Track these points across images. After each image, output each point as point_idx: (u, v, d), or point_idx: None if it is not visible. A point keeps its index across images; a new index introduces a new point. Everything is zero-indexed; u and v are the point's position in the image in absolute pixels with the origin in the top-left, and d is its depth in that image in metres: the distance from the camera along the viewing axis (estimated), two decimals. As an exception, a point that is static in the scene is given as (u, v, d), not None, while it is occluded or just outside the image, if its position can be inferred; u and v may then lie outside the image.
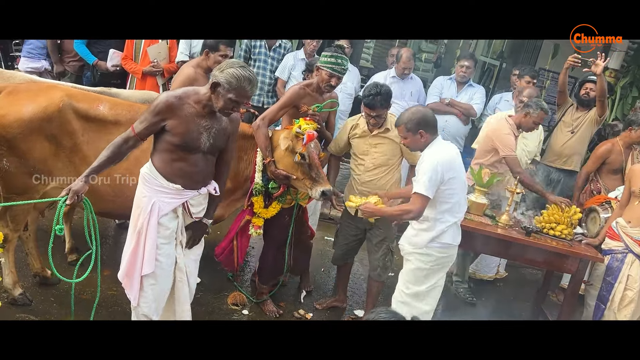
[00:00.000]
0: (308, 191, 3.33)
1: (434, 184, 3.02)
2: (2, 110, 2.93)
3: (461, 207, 3.22)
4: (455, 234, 3.23)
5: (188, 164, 2.72)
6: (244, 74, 2.54)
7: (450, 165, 3.08)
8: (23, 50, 5.43)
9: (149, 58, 5.07)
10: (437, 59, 11.99)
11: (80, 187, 2.54)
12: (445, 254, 3.23)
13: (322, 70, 3.46)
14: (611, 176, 4.76)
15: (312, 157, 3.29)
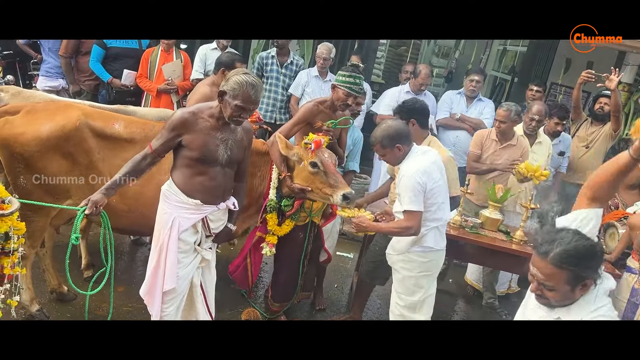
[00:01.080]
0: (329, 199, 3.27)
1: (419, 196, 3.04)
2: (20, 128, 2.99)
3: (442, 212, 3.20)
4: (438, 238, 3.21)
5: (207, 178, 2.77)
6: (246, 79, 2.61)
7: (430, 174, 3.07)
8: (41, 70, 5.54)
9: (163, 76, 5.15)
10: (448, 73, 12.04)
11: (99, 198, 2.60)
12: (428, 259, 3.21)
13: (339, 89, 3.47)
14: (629, 191, 4.70)
15: (325, 164, 3.27)
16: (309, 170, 3.28)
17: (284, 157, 3.37)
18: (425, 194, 3.06)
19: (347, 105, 3.53)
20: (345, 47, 7.03)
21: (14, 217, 2.48)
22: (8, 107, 3.15)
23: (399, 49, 11.83)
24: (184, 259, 2.85)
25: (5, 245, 2.53)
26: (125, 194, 3.11)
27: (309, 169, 3.28)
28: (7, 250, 2.55)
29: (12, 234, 2.50)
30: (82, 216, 2.58)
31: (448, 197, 3.28)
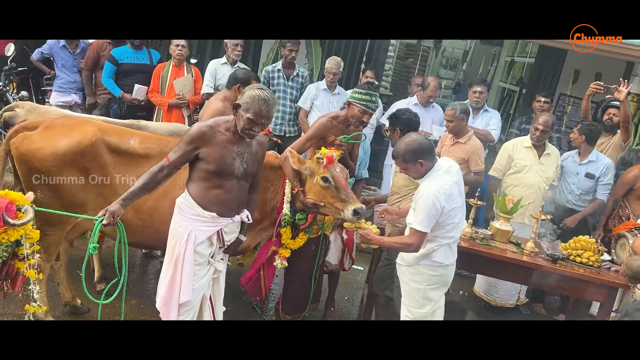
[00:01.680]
0: (340, 214, 3.28)
1: (432, 219, 3.03)
2: (38, 143, 3.05)
3: (456, 230, 3.20)
4: (448, 253, 3.21)
5: (223, 191, 2.81)
6: (259, 94, 2.66)
7: (450, 196, 3.05)
8: (54, 85, 5.64)
9: (174, 91, 5.22)
10: (456, 85, 12.09)
11: (116, 208, 2.64)
12: (437, 273, 3.21)
13: (355, 107, 3.50)
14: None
15: (337, 179, 3.29)
16: (320, 184, 3.30)
17: (296, 172, 3.40)
18: (442, 215, 3.04)
19: (362, 122, 3.57)
20: (353, 60, 7.09)
21: (27, 226, 2.53)
22: (27, 123, 3.22)
23: (406, 61, 11.91)
24: (199, 271, 2.89)
25: (18, 251, 2.59)
26: (140, 209, 3.16)
27: (320, 184, 3.30)
28: (22, 257, 2.62)
29: (23, 241, 2.55)
30: (99, 226, 2.62)
31: (464, 217, 3.28)
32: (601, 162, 4.71)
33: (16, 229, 2.45)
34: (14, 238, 2.47)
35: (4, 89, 5.15)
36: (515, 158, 4.69)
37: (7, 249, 2.47)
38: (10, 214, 2.43)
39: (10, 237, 2.45)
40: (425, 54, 11.94)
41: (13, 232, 2.47)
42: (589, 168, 4.69)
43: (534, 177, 4.61)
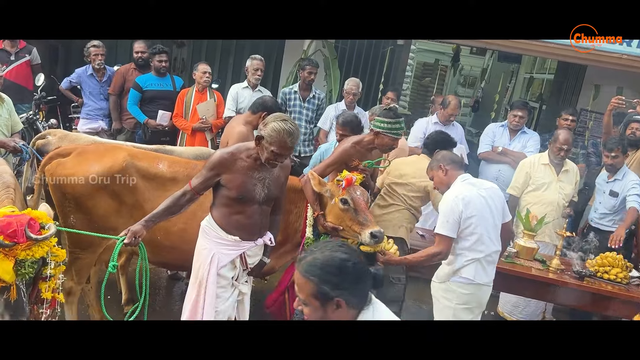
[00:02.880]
0: (358, 238, 3.27)
1: (454, 222, 3.09)
2: (71, 170, 3.15)
3: (484, 245, 3.17)
4: (479, 271, 3.18)
5: (245, 216, 2.86)
6: (284, 127, 2.67)
7: (469, 203, 3.10)
8: (82, 112, 5.82)
9: (198, 115, 5.34)
10: (475, 102, 12.09)
11: (138, 229, 2.69)
12: (468, 291, 3.19)
13: (385, 137, 3.50)
14: None
15: (356, 202, 3.27)
16: (339, 207, 3.29)
17: (317, 195, 3.42)
18: (461, 222, 3.08)
19: (393, 148, 3.61)
20: (371, 81, 7.18)
21: (51, 243, 2.52)
22: (60, 150, 3.34)
23: (423, 80, 11.99)
24: (222, 294, 2.92)
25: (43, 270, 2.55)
26: (169, 230, 3.23)
27: (339, 206, 3.29)
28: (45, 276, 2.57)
29: (49, 259, 2.53)
30: (120, 245, 2.67)
31: (495, 231, 3.23)
32: (627, 178, 4.54)
33: (40, 246, 2.44)
34: (38, 255, 2.44)
35: (34, 118, 5.31)
36: (534, 176, 4.63)
37: (33, 266, 2.44)
38: (33, 231, 2.42)
39: (35, 253, 2.43)
40: (443, 72, 12.02)
41: (37, 248, 2.44)
42: (614, 186, 4.58)
43: (553, 195, 4.56)
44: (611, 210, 4.58)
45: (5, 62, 4.81)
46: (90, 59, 5.64)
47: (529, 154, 5.16)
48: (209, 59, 7.02)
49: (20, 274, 2.39)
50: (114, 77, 5.67)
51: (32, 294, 2.58)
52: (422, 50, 11.92)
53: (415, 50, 11.13)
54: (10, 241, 2.34)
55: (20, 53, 5.79)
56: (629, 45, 5.07)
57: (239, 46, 7.20)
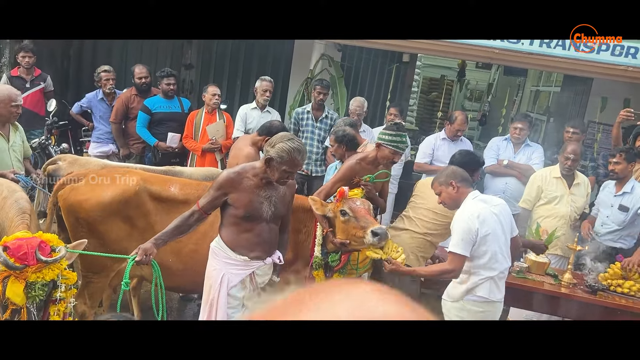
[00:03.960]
0: (363, 241, 3.24)
1: (469, 241, 3.07)
2: (85, 195, 3.21)
3: (498, 263, 3.16)
4: (494, 289, 3.17)
5: (253, 235, 2.90)
6: (293, 146, 2.74)
7: (484, 221, 3.09)
8: (92, 136, 5.90)
9: (207, 136, 5.40)
10: (482, 116, 12.10)
11: (149, 247, 2.73)
12: (482, 309, 3.18)
13: (386, 149, 3.56)
14: None
15: (355, 210, 3.29)
16: (340, 219, 3.33)
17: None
18: (477, 241, 3.08)
19: (394, 162, 3.64)
20: (377, 98, 7.24)
21: (62, 266, 2.54)
22: (73, 175, 3.39)
23: (430, 95, 12.03)
24: (233, 315, 2.94)
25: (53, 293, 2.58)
26: (180, 252, 3.27)
27: (340, 218, 3.33)
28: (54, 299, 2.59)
29: (59, 282, 2.55)
30: (132, 263, 2.70)
31: (507, 247, 3.23)
32: (637, 192, 4.43)
33: (51, 268, 2.46)
34: (49, 277, 2.47)
35: (47, 142, 5.39)
36: (545, 189, 4.62)
37: (43, 289, 2.47)
38: (44, 253, 2.46)
39: (45, 276, 2.46)
40: (450, 87, 12.06)
41: (47, 271, 2.47)
42: (624, 200, 4.46)
43: (565, 208, 4.55)
44: (620, 225, 4.46)
45: (21, 89, 4.89)
46: (101, 84, 5.72)
47: (535, 166, 5.17)
48: (217, 81, 7.10)
49: (30, 296, 2.41)
50: (115, 105, 5.65)
51: (43, 316, 2.60)
52: (428, 66, 11.99)
53: (421, 66, 11.21)
54: (20, 263, 2.36)
55: (35, 81, 5.89)
56: (635, 58, 5.09)
57: (246, 67, 7.30)
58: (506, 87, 10.69)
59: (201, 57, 7.32)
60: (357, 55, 7.04)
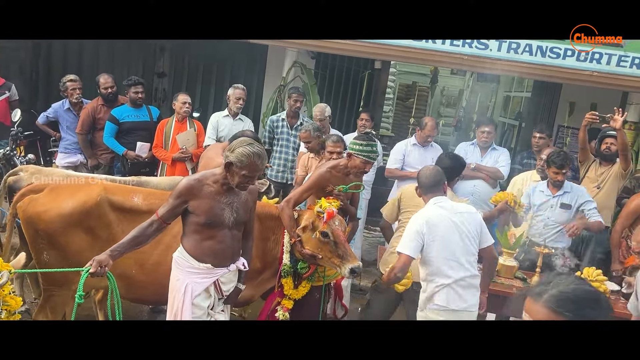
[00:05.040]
0: (337, 269, 3.35)
1: (414, 242, 3.12)
2: (44, 206, 3.13)
3: (453, 270, 3.16)
4: (453, 297, 3.16)
5: (216, 242, 2.87)
6: (253, 150, 2.73)
7: (433, 226, 3.12)
8: (60, 147, 5.78)
9: (178, 145, 5.34)
10: (457, 122, 12.22)
11: (104, 258, 2.63)
12: (444, 318, 3.16)
13: (357, 158, 3.57)
14: None
15: (336, 235, 3.32)
16: (319, 239, 3.33)
17: (294, 222, 3.44)
18: (424, 244, 3.11)
19: (365, 172, 3.64)
20: (352, 104, 7.24)
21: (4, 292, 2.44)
22: (33, 186, 3.31)
23: (407, 102, 12.12)
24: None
25: None
26: (144, 264, 3.21)
27: (319, 238, 3.33)
28: None
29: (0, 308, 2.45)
30: (86, 275, 2.60)
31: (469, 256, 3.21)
32: (576, 191, 4.54)
33: None
34: None
35: (11, 153, 5.27)
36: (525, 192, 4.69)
37: None
38: None
39: None
40: (425, 93, 12.17)
41: None
42: (564, 198, 4.50)
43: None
44: (563, 223, 4.48)
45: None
46: (67, 94, 5.61)
47: (502, 168, 5.35)
48: (190, 89, 7.06)
49: None
50: (81, 116, 5.55)
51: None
52: (403, 73, 12.09)
53: (397, 73, 11.29)
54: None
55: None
56: (599, 63, 5.18)
57: (220, 75, 7.26)
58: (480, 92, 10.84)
59: (174, 65, 7.27)
60: (330, 62, 7.05)
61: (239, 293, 3.12)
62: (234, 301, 3.15)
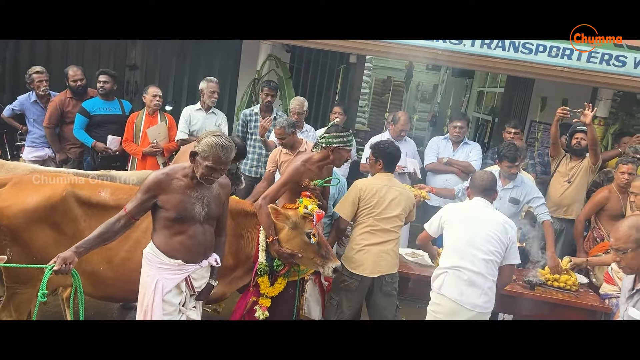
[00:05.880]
0: (319, 269, 3.39)
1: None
2: (7, 201, 3.02)
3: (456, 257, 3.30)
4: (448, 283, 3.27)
5: (187, 237, 2.81)
6: (217, 141, 2.68)
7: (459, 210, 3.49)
8: (27, 140, 5.61)
9: (148, 139, 5.23)
10: (432, 117, 12.29)
11: (68, 255, 2.55)
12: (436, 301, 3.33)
13: (342, 150, 3.58)
14: (612, 222, 4.74)
15: (320, 236, 3.36)
16: (303, 239, 3.32)
17: (271, 221, 3.40)
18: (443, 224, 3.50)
19: (346, 161, 3.65)
20: (327, 98, 7.21)
21: None
22: (-6, 181, 3.19)
23: (383, 97, 12.14)
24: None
25: None
26: (112, 260, 3.13)
27: (304, 239, 3.32)
28: None
29: None
30: (49, 273, 2.53)
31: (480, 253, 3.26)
32: (526, 185, 4.53)
33: None
34: None
35: (-24, 148, 5.12)
36: None
37: None
38: None
39: None
40: (400, 88, 12.21)
41: None
42: (513, 192, 4.51)
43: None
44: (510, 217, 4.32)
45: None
46: (33, 86, 5.45)
47: (474, 162, 5.41)
48: (163, 82, 6.94)
49: None
50: (49, 109, 5.40)
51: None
52: (379, 67, 12.10)
53: (372, 68, 11.29)
54: None
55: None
56: (570, 59, 5.25)
57: (193, 68, 7.14)
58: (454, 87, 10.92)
59: (146, 58, 7.13)
60: (306, 56, 7.00)
61: (211, 289, 3.07)
62: (206, 297, 3.10)
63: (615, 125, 6.32)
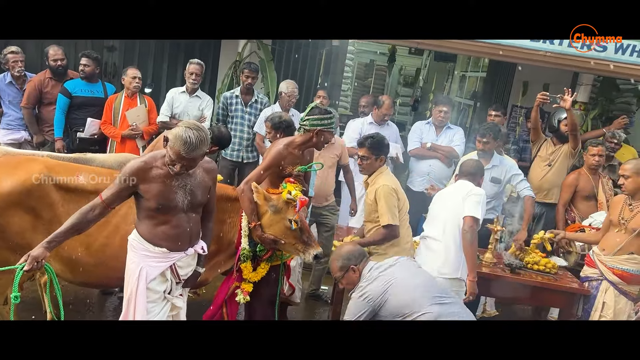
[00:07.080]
0: (300, 255, 3.35)
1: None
2: (-21, 186, 2.94)
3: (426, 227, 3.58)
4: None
5: (170, 226, 2.75)
6: (182, 134, 2.53)
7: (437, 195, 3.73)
8: (2, 123, 5.46)
9: (127, 122, 5.14)
10: (415, 101, 12.29)
11: (39, 253, 2.47)
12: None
13: (326, 132, 3.50)
14: (585, 202, 4.91)
15: (303, 222, 3.32)
16: (286, 225, 3.29)
17: (254, 206, 3.36)
18: None
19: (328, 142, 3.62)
20: (310, 82, 7.16)
21: None
22: (-33, 165, 3.10)
23: (366, 81, 12.10)
24: (153, 309, 2.80)
25: None
26: (90, 246, 3.07)
27: (286, 224, 3.28)
28: None
29: None
30: (21, 273, 2.46)
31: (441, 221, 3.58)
32: (505, 164, 4.64)
33: None
34: None
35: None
36: None
37: None
38: None
39: None
40: (383, 72, 12.16)
41: None
42: (494, 172, 4.60)
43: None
44: (494, 197, 4.63)
45: None
46: (8, 66, 5.29)
47: (457, 147, 5.42)
48: (142, 63, 6.78)
49: None
50: (27, 89, 5.27)
51: None
52: (362, 51, 12.03)
53: (355, 52, 11.22)
54: None
55: None
56: (552, 43, 5.26)
57: (173, 50, 7.00)
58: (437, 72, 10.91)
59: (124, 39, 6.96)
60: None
61: (198, 276, 3.02)
62: (193, 284, 3.06)
63: (595, 110, 6.38)
